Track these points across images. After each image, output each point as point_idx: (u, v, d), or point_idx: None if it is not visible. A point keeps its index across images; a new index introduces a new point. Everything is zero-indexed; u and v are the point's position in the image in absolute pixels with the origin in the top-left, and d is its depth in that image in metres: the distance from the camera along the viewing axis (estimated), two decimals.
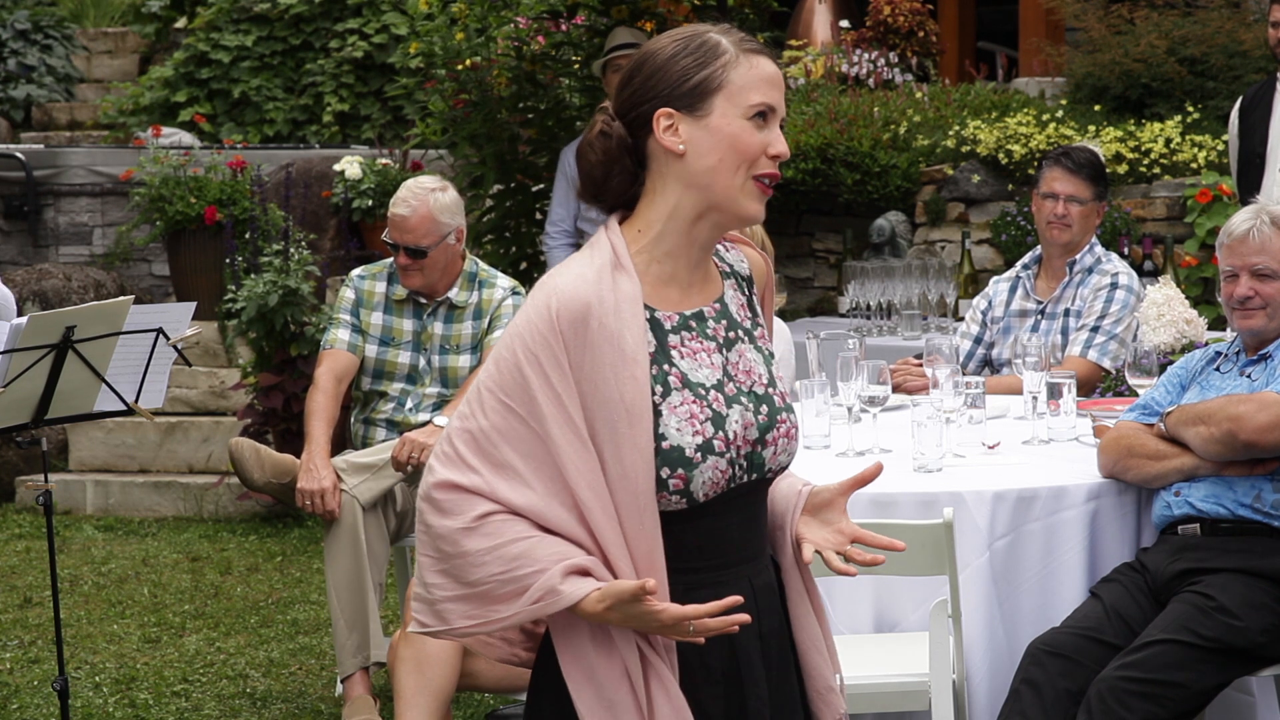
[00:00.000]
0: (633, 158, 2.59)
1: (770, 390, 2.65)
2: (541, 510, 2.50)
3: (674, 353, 2.58)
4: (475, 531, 2.49)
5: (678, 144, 2.55)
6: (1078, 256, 5.72)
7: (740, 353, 2.65)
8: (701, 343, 2.61)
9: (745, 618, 2.49)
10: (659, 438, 2.51)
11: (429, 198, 5.65)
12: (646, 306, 2.57)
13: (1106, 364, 5.58)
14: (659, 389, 2.54)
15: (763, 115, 2.57)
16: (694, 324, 2.62)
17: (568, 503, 2.50)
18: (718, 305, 2.66)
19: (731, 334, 2.65)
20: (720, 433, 2.55)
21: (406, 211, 5.64)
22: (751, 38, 2.61)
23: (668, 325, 2.59)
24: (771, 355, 2.71)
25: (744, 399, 2.61)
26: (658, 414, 2.52)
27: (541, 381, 2.49)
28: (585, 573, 2.48)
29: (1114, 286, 5.66)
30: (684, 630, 2.49)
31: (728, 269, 2.71)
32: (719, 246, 2.72)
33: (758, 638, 2.64)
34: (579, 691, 2.52)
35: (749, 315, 2.70)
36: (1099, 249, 5.77)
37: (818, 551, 2.68)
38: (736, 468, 2.58)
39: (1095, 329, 5.61)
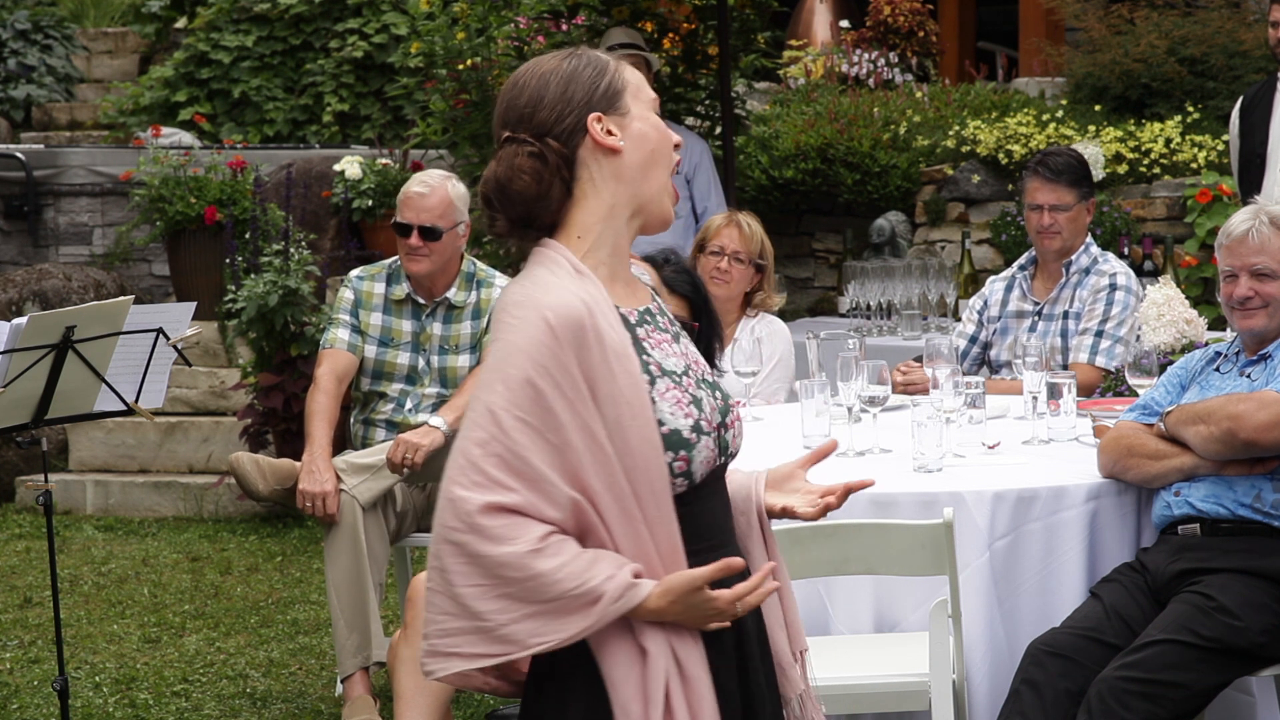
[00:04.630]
0: (564, 174, 2.65)
1: (717, 378, 2.78)
2: (570, 520, 2.54)
3: (645, 344, 2.67)
4: (543, 552, 2.50)
5: (617, 141, 2.65)
6: (1073, 257, 5.72)
7: (685, 345, 2.75)
8: (660, 334, 2.71)
9: (776, 584, 2.62)
10: (658, 424, 2.59)
11: (446, 183, 5.70)
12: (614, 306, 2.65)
13: (1114, 369, 5.57)
14: (645, 378, 2.62)
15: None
16: (649, 318, 2.71)
17: (591, 508, 2.55)
18: (656, 304, 2.77)
19: (674, 328, 2.76)
20: (702, 414, 2.65)
21: (425, 190, 5.65)
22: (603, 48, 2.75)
23: (633, 320, 2.68)
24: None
25: (705, 385, 2.72)
26: (651, 402, 2.60)
27: (556, 392, 2.53)
28: (639, 574, 2.56)
29: (1113, 288, 5.65)
30: (733, 612, 2.57)
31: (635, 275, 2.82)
32: None
33: (752, 615, 2.72)
34: (625, 703, 2.56)
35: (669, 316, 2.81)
36: (1095, 249, 5.77)
37: (786, 509, 2.84)
38: (719, 447, 2.68)
39: (1099, 333, 5.60)
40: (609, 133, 2.64)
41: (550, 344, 2.53)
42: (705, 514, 2.67)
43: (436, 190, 5.66)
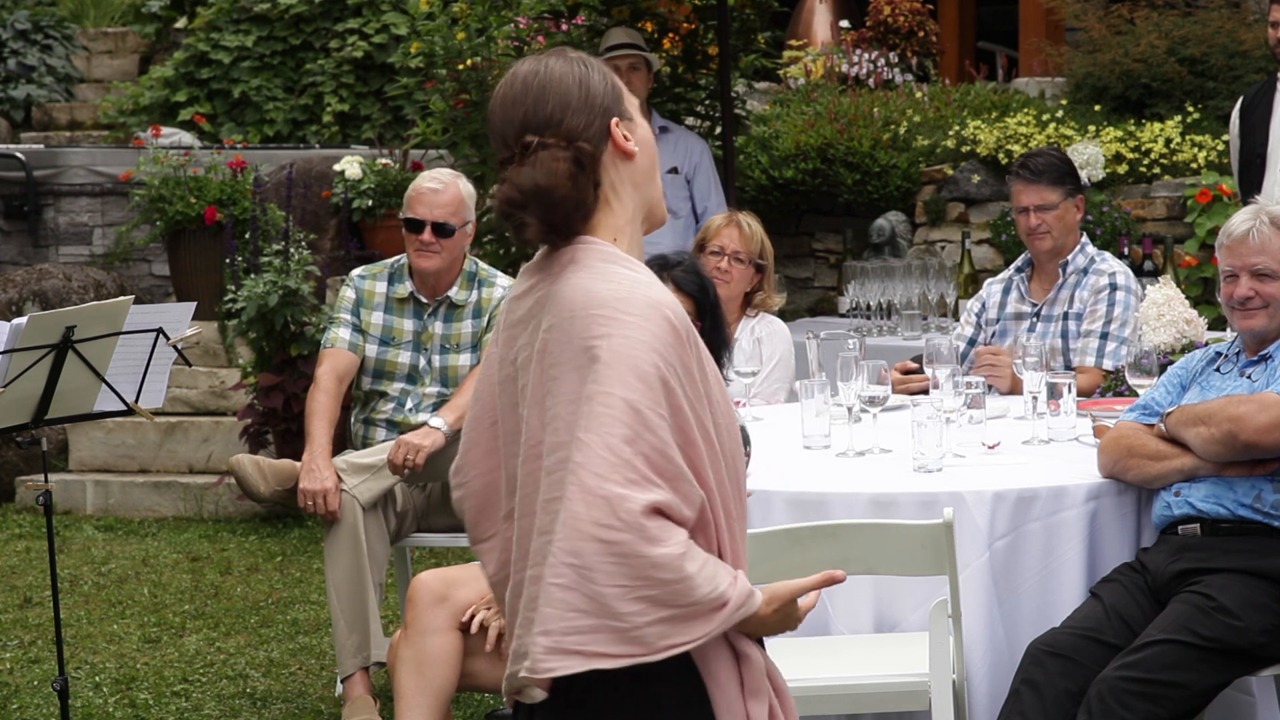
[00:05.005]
0: (597, 175, 2.65)
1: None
2: (696, 519, 2.57)
3: None
4: (688, 555, 2.50)
5: (633, 146, 2.67)
6: (1069, 257, 5.71)
7: None
8: None
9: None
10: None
11: (457, 180, 5.74)
12: None
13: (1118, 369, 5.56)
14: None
15: None
16: None
17: (709, 506, 2.59)
18: None
19: None
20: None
21: (438, 186, 5.68)
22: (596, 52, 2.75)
23: None
24: None
25: None
26: None
27: (681, 390, 2.55)
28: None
29: (1113, 288, 5.64)
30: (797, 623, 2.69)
31: None
32: None
33: None
34: (730, 703, 2.61)
35: None
36: (1090, 248, 5.76)
37: None
38: None
39: (1104, 335, 5.59)
40: (626, 137, 2.66)
41: (674, 341, 2.54)
42: None
43: (449, 187, 5.69)
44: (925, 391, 5.45)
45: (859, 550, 3.95)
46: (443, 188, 5.68)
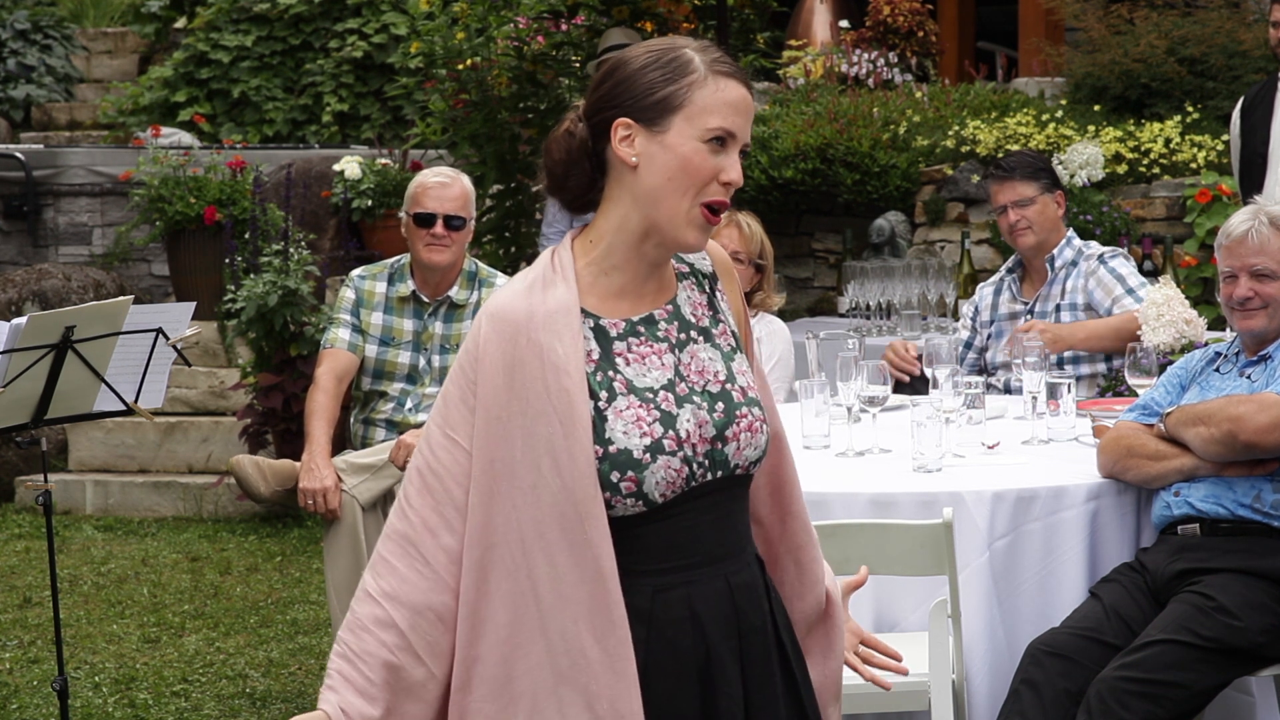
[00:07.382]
0: (592, 162, 2.61)
1: (728, 386, 2.64)
2: (455, 545, 2.56)
3: (619, 359, 2.59)
4: (350, 625, 2.57)
5: (631, 156, 2.57)
6: (1055, 252, 5.72)
7: (693, 353, 2.65)
8: (651, 345, 2.62)
9: None
10: (605, 442, 2.52)
11: (460, 176, 5.79)
12: (590, 314, 2.59)
13: None
14: (604, 394, 2.55)
15: (720, 140, 2.57)
16: (642, 328, 2.63)
17: (492, 526, 2.54)
18: (670, 308, 2.66)
19: (684, 335, 2.65)
20: (670, 432, 2.55)
21: (447, 180, 5.72)
22: (728, 59, 2.59)
23: (613, 332, 2.60)
24: (735, 350, 2.70)
25: (696, 398, 2.61)
26: (603, 419, 2.53)
27: (473, 402, 2.55)
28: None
29: (1102, 261, 5.68)
30: None
31: (687, 269, 2.71)
32: None
33: (736, 635, 2.63)
34: None
35: (708, 314, 2.69)
36: (1077, 241, 5.76)
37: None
38: (694, 465, 2.57)
39: (1130, 291, 5.59)
40: (628, 143, 2.56)
41: (478, 355, 2.55)
42: (682, 532, 2.58)
43: (456, 181, 5.73)
44: (916, 375, 5.48)
45: (859, 550, 3.96)
46: (451, 181, 5.73)
